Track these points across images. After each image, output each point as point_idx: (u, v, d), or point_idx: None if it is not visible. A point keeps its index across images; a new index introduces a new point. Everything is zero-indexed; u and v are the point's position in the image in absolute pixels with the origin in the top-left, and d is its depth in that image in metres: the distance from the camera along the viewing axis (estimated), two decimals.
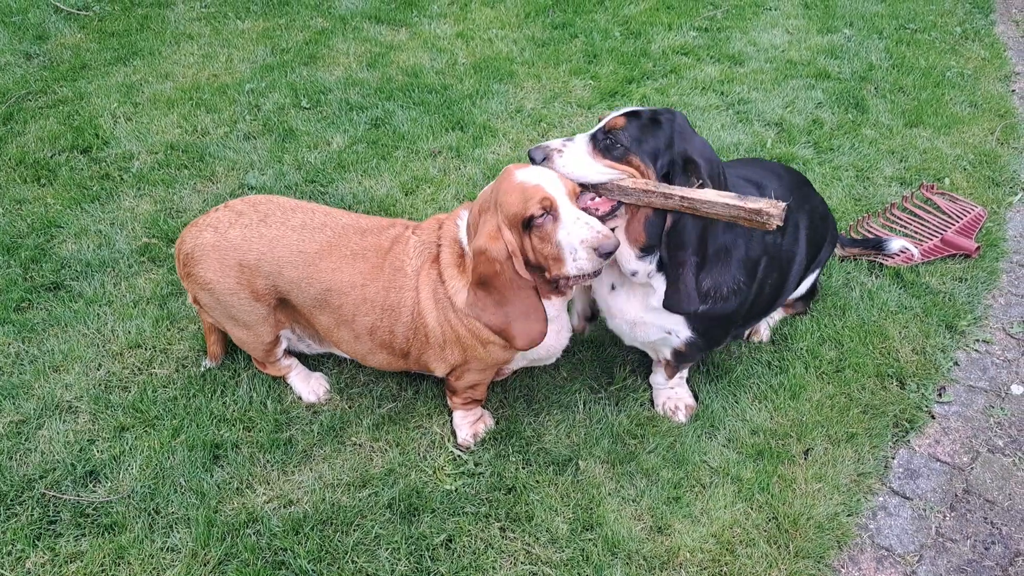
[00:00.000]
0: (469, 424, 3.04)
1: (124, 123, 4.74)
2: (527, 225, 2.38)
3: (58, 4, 6.02)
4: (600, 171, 2.43)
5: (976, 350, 3.42)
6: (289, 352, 3.16)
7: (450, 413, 3.08)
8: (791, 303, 3.43)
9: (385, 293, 2.72)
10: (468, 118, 4.83)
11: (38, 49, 5.49)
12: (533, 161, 2.48)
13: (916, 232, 3.98)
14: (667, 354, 2.91)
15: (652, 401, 3.19)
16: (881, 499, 2.87)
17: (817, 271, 3.28)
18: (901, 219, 4.08)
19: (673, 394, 3.15)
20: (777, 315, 3.49)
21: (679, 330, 2.73)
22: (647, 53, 5.65)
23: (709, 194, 2.31)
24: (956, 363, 3.36)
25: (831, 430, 3.05)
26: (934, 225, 4.01)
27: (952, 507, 2.84)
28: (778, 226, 2.25)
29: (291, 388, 3.19)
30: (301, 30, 5.86)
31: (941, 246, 3.85)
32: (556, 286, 2.57)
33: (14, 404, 3.09)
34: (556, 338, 2.76)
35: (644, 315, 2.73)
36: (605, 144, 2.45)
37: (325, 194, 4.21)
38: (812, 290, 3.38)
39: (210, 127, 4.74)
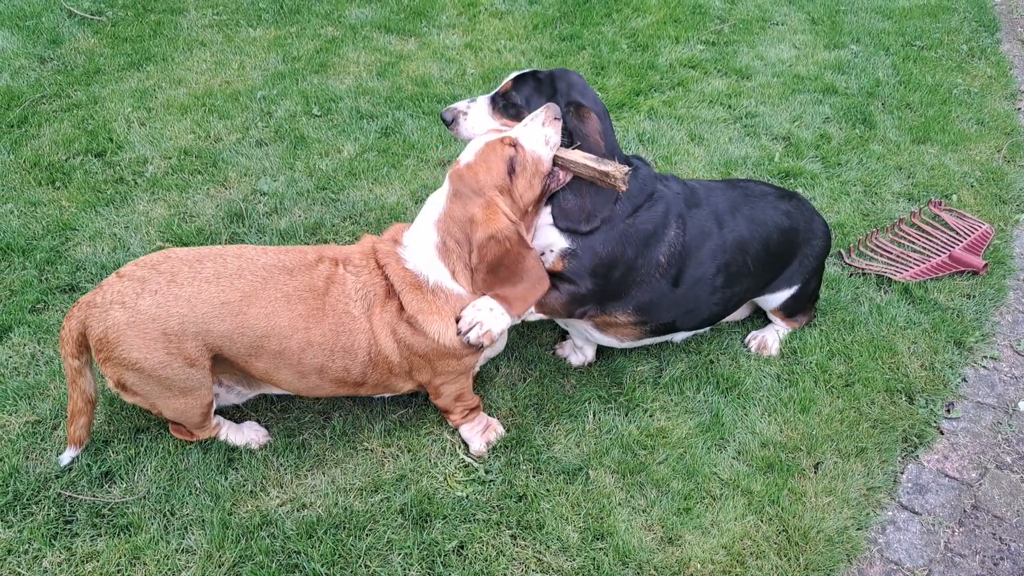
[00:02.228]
0: (479, 434, 3.06)
1: (138, 128, 4.78)
2: (511, 172, 2.62)
3: (72, 9, 6.07)
4: (497, 127, 2.86)
5: (984, 367, 3.45)
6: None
7: (457, 429, 3.11)
8: (776, 312, 3.46)
9: (334, 336, 2.65)
10: None
11: (52, 53, 5.53)
12: (444, 121, 2.91)
13: (924, 248, 4.02)
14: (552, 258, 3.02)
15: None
16: (890, 513, 2.89)
17: (792, 288, 3.33)
18: (909, 235, 4.12)
19: (499, 314, 2.69)
20: (784, 329, 3.52)
21: (559, 242, 2.86)
22: (654, 66, 5.69)
23: (576, 155, 2.69)
24: (964, 379, 3.39)
25: (841, 444, 3.07)
26: (942, 241, 4.04)
27: (961, 522, 2.87)
28: (623, 190, 2.67)
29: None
30: (312, 39, 5.90)
31: (949, 262, 3.89)
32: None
33: (30, 405, 3.11)
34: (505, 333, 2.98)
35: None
36: (502, 105, 2.89)
37: (337, 201, 4.24)
38: (796, 307, 3.43)
39: (223, 133, 4.77)
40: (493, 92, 2.94)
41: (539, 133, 2.65)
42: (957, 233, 4.09)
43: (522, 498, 2.88)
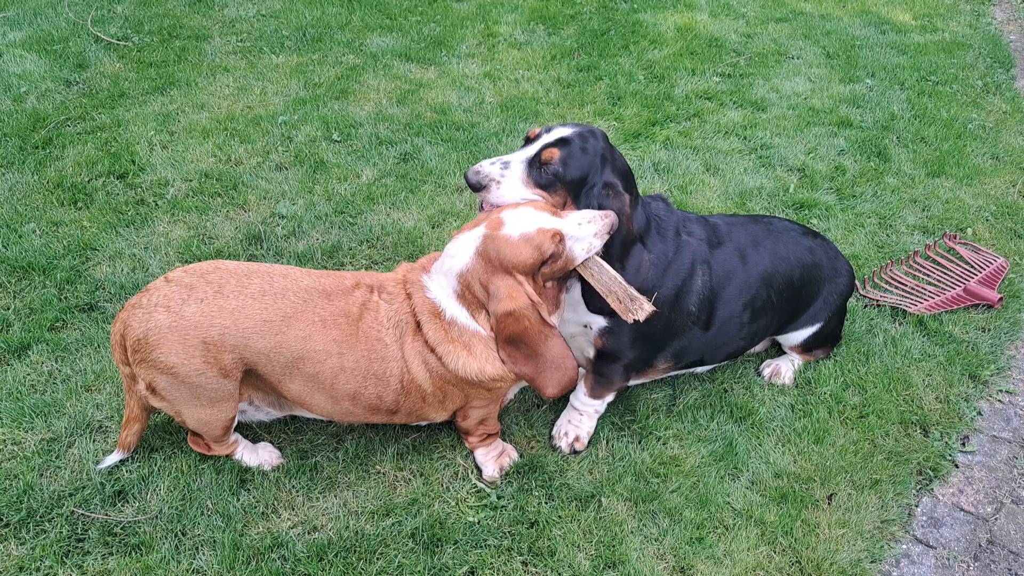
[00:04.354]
0: (493, 459, 3.06)
1: (160, 151, 4.85)
2: (544, 263, 2.50)
3: (98, 34, 6.19)
4: (530, 198, 2.65)
5: (1000, 400, 3.43)
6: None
7: (471, 451, 3.11)
8: (795, 348, 3.46)
9: (367, 363, 2.65)
10: (494, 155, 4.90)
11: (78, 77, 5.64)
12: (470, 185, 2.64)
13: (939, 281, 4.01)
14: (590, 353, 2.99)
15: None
16: (904, 547, 2.87)
17: (815, 326, 3.33)
18: (924, 267, 4.12)
19: (576, 420, 3.12)
20: (799, 360, 3.51)
21: (596, 320, 2.85)
22: (671, 97, 5.74)
23: (608, 271, 2.56)
24: (979, 413, 3.37)
25: (855, 476, 3.06)
26: (957, 275, 4.04)
27: (976, 557, 2.84)
28: (636, 320, 2.51)
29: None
30: (333, 66, 5.99)
31: (964, 295, 3.88)
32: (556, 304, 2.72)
33: (46, 422, 3.14)
34: None
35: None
36: (540, 178, 2.64)
37: (354, 225, 4.28)
38: (816, 344, 3.43)
39: (243, 157, 4.84)
40: (530, 155, 2.66)
41: (587, 242, 2.52)
42: (972, 266, 4.09)
43: (534, 524, 2.88)
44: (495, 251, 2.50)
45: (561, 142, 2.64)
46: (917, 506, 3.01)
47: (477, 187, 2.63)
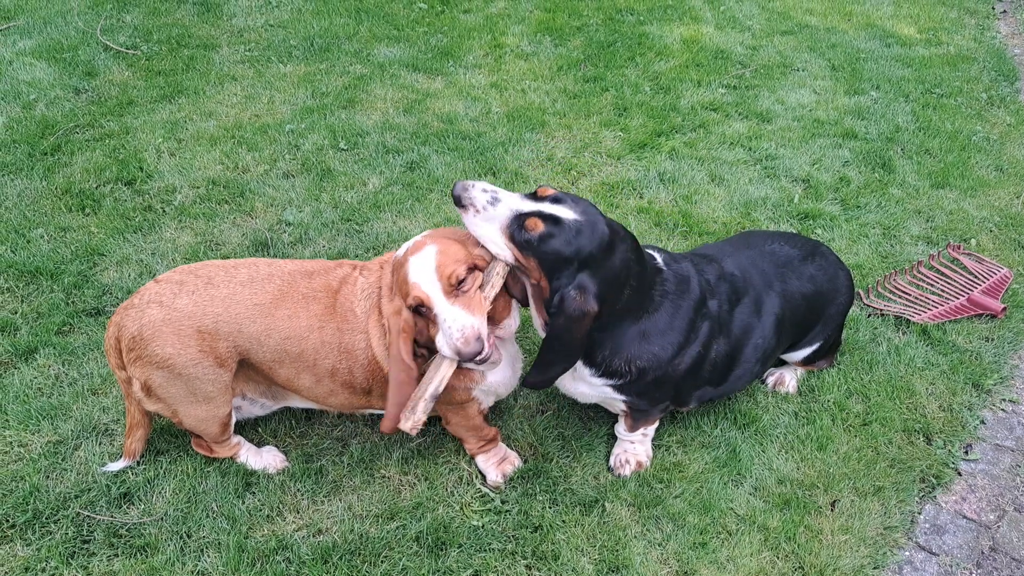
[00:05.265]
0: (494, 465, 3.07)
1: (168, 158, 4.89)
2: (415, 310, 2.47)
3: (107, 43, 6.25)
4: (501, 247, 2.50)
5: (1003, 409, 3.43)
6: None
7: (473, 458, 3.12)
8: (799, 363, 3.46)
9: (339, 335, 2.67)
10: (500, 164, 4.95)
11: (87, 85, 5.69)
12: (455, 197, 2.48)
13: (943, 290, 4.02)
14: (622, 406, 2.97)
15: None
16: (907, 553, 2.87)
17: (814, 346, 3.31)
18: (928, 277, 4.13)
19: (631, 448, 3.12)
20: (801, 370, 3.52)
21: (612, 395, 2.86)
22: (676, 108, 5.76)
23: (430, 378, 2.50)
24: (983, 421, 3.37)
25: (858, 483, 3.06)
26: (961, 284, 4.04)
27: (979, 564, 2.84)
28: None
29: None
30: (341, 75, 6.03)
31: (968, 305, 3.89)
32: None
33: (52, 425, 3.16)
34: (512, 371, 2.89)
35: (573, 385, 2.90)
36: (516, 235, 2.46)
37: (361, 232, 4.31)
38: (816, 358, 3.42)
39: (251, 164, 4.88)
40: (521, 210, 2.46)
41: (446, 345, 2.41)
42: (976, 276, 4.10)
43: (538, 528, 2.88)
44: (400, 267, 2.51)
45: (553, 220, 2.44)
46: (920, 513, 3.01)
47: (458, 202, 2.48)
